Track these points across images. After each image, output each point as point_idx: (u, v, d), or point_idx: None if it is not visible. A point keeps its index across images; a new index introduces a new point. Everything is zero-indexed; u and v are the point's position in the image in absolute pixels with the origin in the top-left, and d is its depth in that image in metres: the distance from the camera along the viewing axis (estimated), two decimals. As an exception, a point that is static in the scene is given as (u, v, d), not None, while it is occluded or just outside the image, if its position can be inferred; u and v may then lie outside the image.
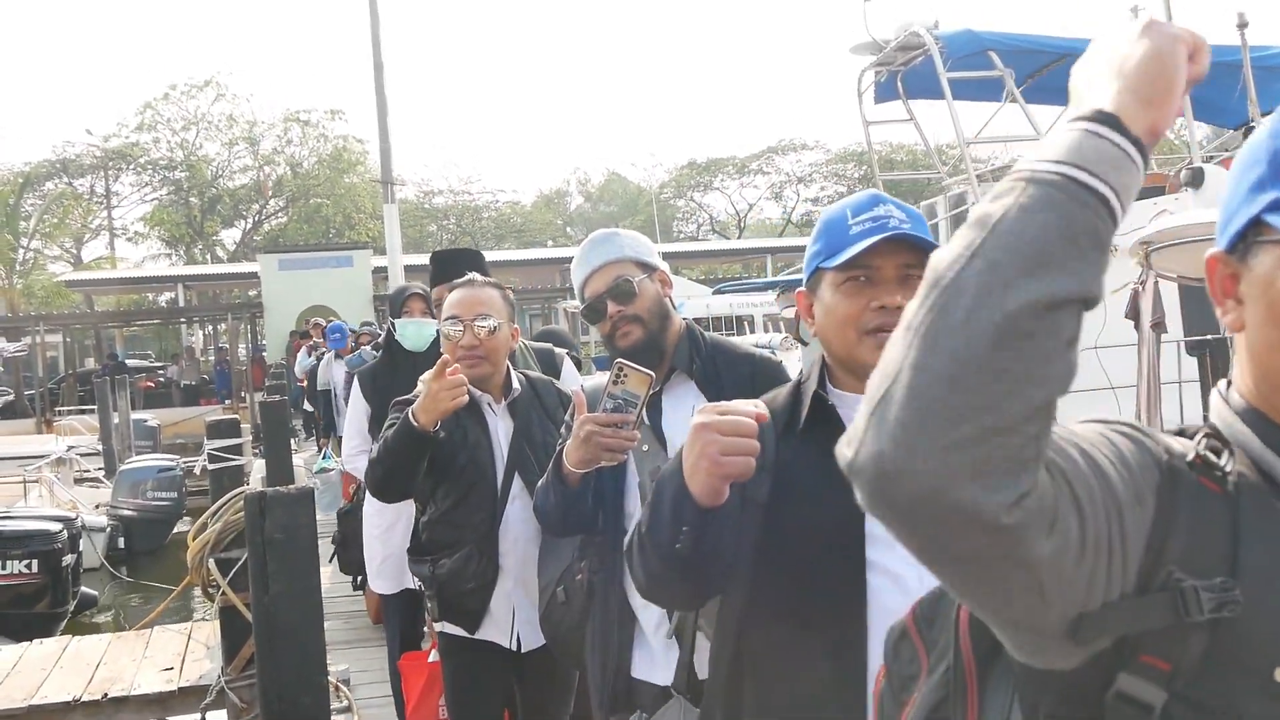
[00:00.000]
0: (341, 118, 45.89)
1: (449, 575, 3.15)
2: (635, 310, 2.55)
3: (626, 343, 2.53)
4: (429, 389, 2.92)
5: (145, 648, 7.07)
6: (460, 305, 3.16)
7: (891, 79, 12.14)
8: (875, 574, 1.72)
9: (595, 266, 2.59)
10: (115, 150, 43.50)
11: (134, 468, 15.00)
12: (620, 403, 2.21)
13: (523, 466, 3.20)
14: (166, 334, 40.45)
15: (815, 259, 1.88)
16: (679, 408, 2.51)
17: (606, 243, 2.63)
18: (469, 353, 3.11)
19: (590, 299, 2.59)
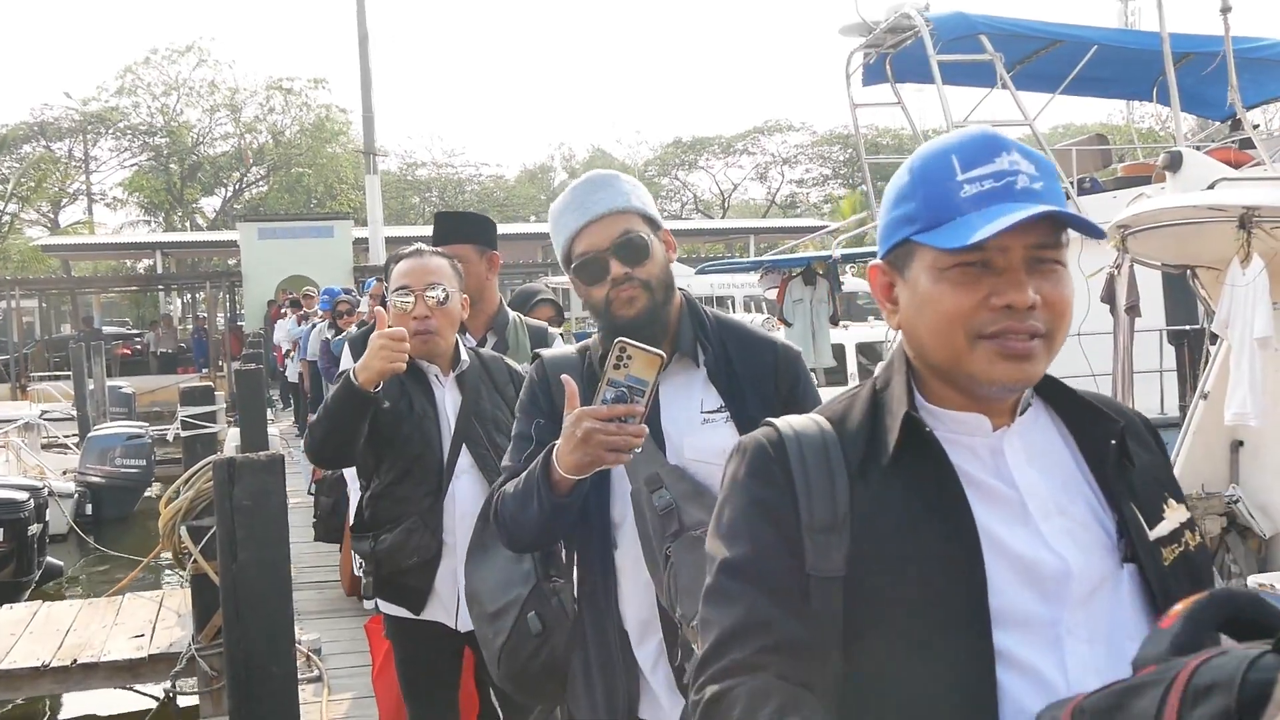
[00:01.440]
0: (325, 87, 45.59)
1: (389, 550, 3.04)
2: (645, 274, 2.11)
3: (629, 313, 2.10)
4: (371, 344, 2.83)
5: (116, 615, 7.02)
6: (410, 275, 3.07)
7: (880, 61, 12.09)
8: (1008, 669, 1.24)
9: (595, 215, 2.12)
10: (94, 114, 43.02)
11: (102, 434, 14.85)
12: (623, 391, 1.84)
13: (470, 439, 3.09)
14: (144, 301, 40.09)
15: (903, 225, 1.34)
16: (681, 399, 2.14)
17: (609, 187, 2.17)
18: (421, 323, 3.03)
19: (588, 254, 2.13)
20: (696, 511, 1.99)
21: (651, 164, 51.03)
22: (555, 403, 2.10)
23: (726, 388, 2.14)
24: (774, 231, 35.76)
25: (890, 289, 1.38)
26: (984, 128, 1.40)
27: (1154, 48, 11.12)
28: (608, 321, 2.14)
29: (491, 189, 49.52)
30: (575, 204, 2.17)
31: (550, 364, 2.22)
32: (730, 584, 1.32)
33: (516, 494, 2.06)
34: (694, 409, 2.13)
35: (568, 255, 2.19)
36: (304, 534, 7.05)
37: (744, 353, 2.19)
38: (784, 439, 1.37)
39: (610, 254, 2.11)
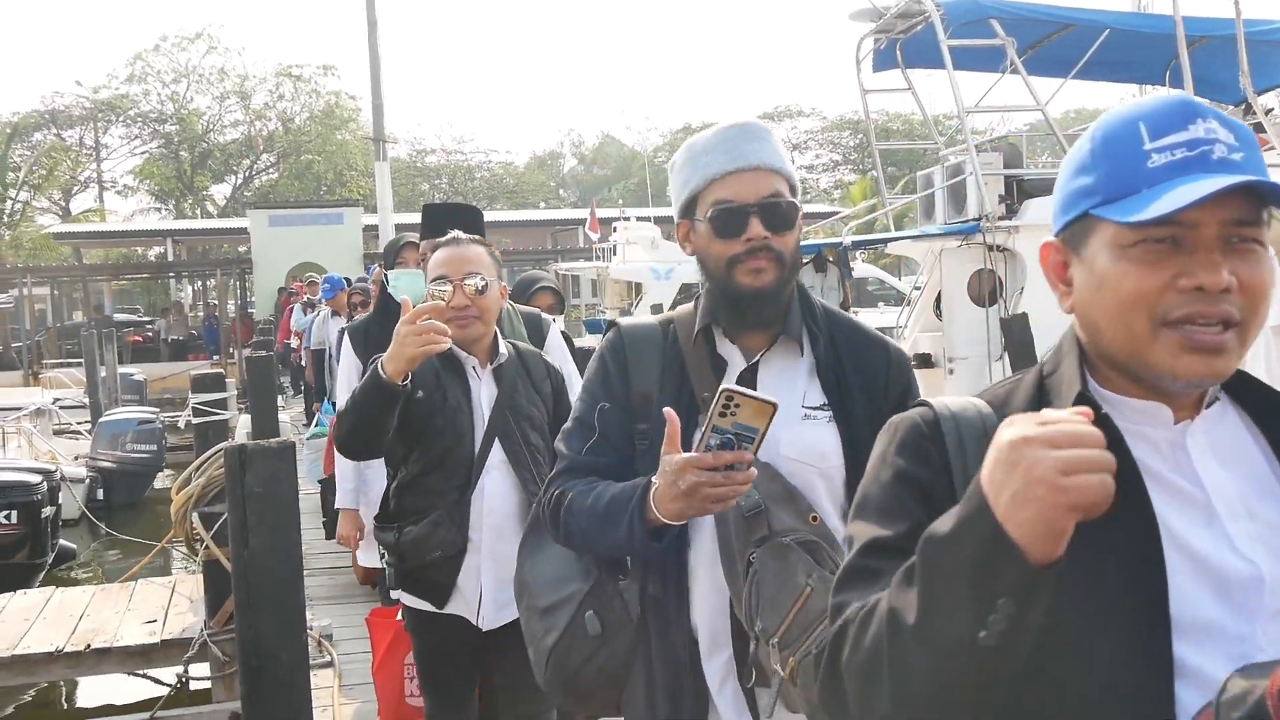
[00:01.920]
0: (334, 74, 45.70)
1: (413, 542, 2.96)
2: (781, 245, 1.91)
3: (755, 283, 1.89)
4: (397, 335, 2.74)
5: (129, 600, 7.05)
6: (447, 264, 2.98)
7: (891, 47, 12.03)
8: (1187, 684, 1.11)
9: (747, 164, 1.91)
10: (105, 102, 43.09)
11: (114, 420, 14.91)
12: (729, 439, 1.67)
13: (504, 435, 2.99)
14: (155, 288, 40.22)
15: (1081, 198, 1.21)
16: (782, 389, 1.92)
17: (764, 140, 1.96)
18: (460, 313, 2.93)
19: (730, 204, 1.90)
20: (787, 516, 1.82)
21: (661, 150, 50.92)
22: (630, 380, 1.98)
23: (833, 384, 1.96)
24: (784, 218, 35.61)
25: (1064, 269, 1.25)
26: (1180, 94, 1.36)
27: (1167, 31, 11.04)
28: (725, 287, 1.93)
29: (501, 175, 49.48)
30: (725, 147, 1.94)
31: (629, 336, 2.04)
32: (876, 562, 1.19)
33: (595, 514, 1.88)
34: (795, 402, 1.94)
35: (695, 199, 1.96)
36: (315, 520, 7.09)
37: (854, 349, 2.00)
38: (939, 418, 1.26)
39: (755, 211, 1.90)
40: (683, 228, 2.01)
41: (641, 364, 2.00)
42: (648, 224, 21.69)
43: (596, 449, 1.99)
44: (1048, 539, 0.98)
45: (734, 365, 1.98)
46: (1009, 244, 10.73)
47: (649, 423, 1.94)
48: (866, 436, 1.74)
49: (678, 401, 1.91)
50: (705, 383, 1.94)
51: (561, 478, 2.00)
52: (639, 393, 1.98)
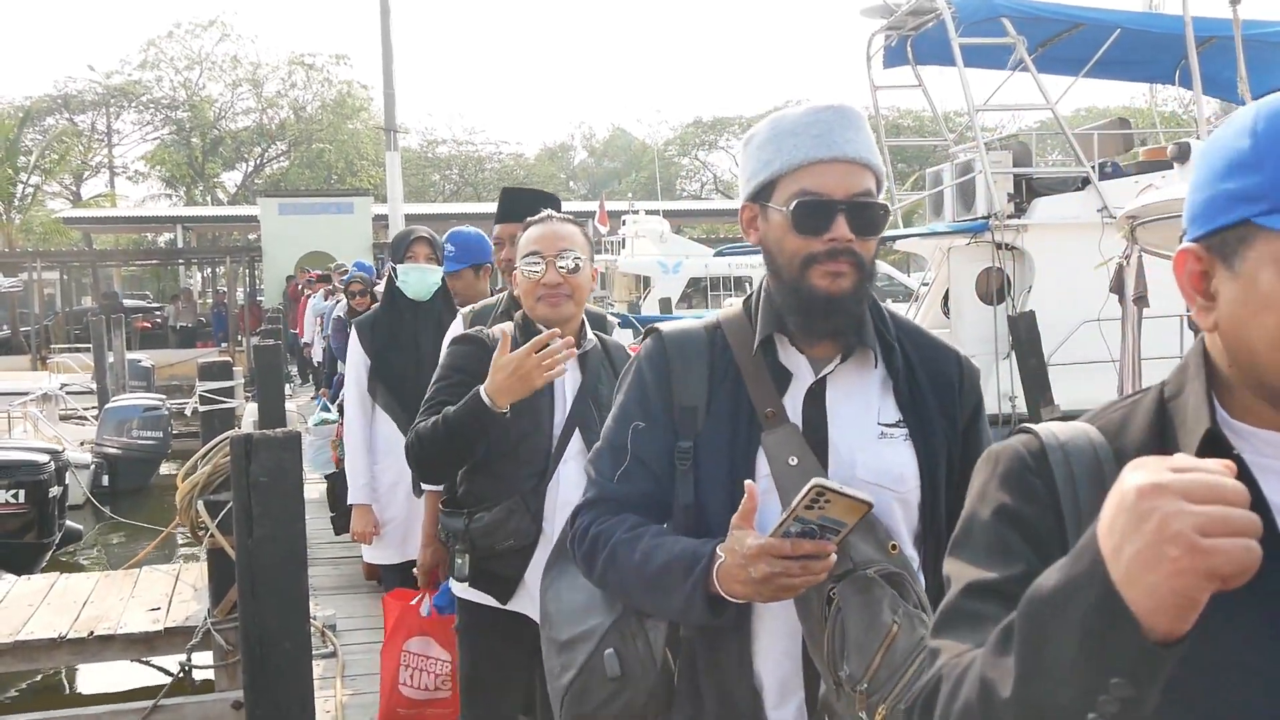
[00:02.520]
0: (346, 63, 45.79)
1: (485, 530, 2.80)
2: (865, 251, 1.70)
3: (832, 288, 1.68)
4: (519, 365, 2.58)
5: (133, 587, 7.07)
6: (541, 241, 2.84)
7: (901, 43, 12.02)
8: None
9: (841, 155, 1.69)
10: (117, 87, 43.16)
11: (120, 406, 14.94)
12: (813, 529, 1.52)
13: (585, 425, 2.82)
14: (165, 275, 40.32)
15: (1239, 203, 1.02)
16: (855, 405, 1.75)
17: (861, 130, 1.73)
18: (551, 291, 2.79)
19: (818, 196, 1.68)
20: (867, 546, 1.63)
21: (671, 144, 50.89)
22: (674, 393, 1.77)
23: (909, 399, 1.77)
24: (793, 213, 35.53)
25: (1204, 280, 1.06)
26: None
27: (1177, 31, 11.02)
28: (797, 288, 1.70)
29: (511, 167, 49.46)
30: (817, 130, 1.70)
31: (673, 343, 1.82)
32: (978, 605, 1.06)
33: (644, 576, 1.68)
34: (869, 419, 1.75)
35: (774, 183, 1.72)
36: (319, 510, 7.11)
37: (926, 360, 1.81)
38: (1046, 448, 1.12)
39: (843, 209, 1.67)
40: (749, 212, 1.79)
41: (687, 375, 1.79)
42: (656, 217, 21.72)
43: (630, 476, 1.79)
44: (1175, 610, 0.82)
45: (800, 378, 1.76)
46: (1017, 242, 10.73)
47: (693, 439, 1.75)
48: (943, 456, 1.75)
49: (735, 418, 1.73)
50: (767, 396, 1.73)
51: (593, 509, 1.81)
52: (683, 406, 1.77)
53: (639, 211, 22.39)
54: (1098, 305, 8.26)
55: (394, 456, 4.07)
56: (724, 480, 1.71)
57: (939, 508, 1.74)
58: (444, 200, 45.35)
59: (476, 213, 36.28)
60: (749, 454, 1.71)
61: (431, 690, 3.51)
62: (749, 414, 1.74)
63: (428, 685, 3.51)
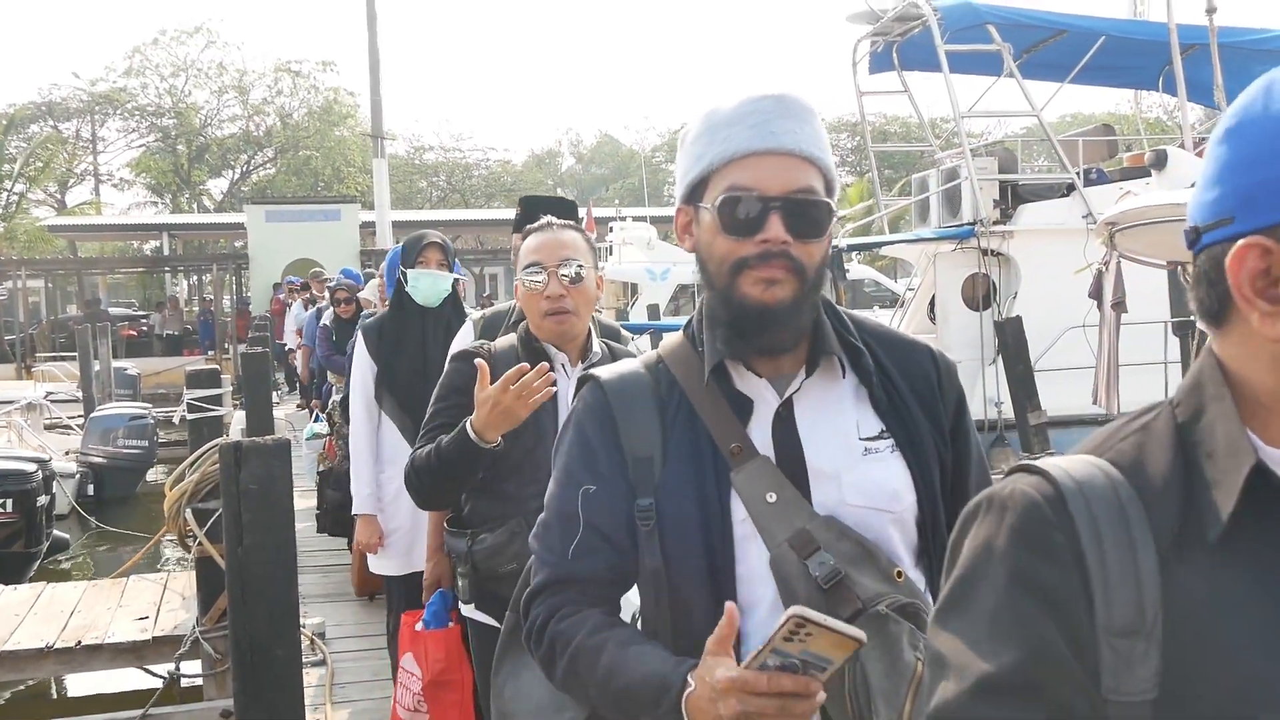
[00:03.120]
0: (333, 69, 45.63)
1: (489, 551, 2.74)
2: (806, 255, 1.50)
3: (764, 298, 1.49)
4: (496, 402, 2.49)
5: (120, 596, 7.06)
6: (541, 250, 2.72)
7: (887, 49, 12.09)
8: None
9: (778, 147, 1.50)
10: (102, 94, 43.00)
11: (105, 415, 14.87)
12: (794, 663, 1.28)
13: None
14: (151, 282, 40.14)
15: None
16: (829, 421, 1.56)
17: (804, 121, 1.53)
18: (554, 303, 2.69)
19: (748, 192, 1.49)
20: (870, 580, 1.47)
21: (659, 150, 50.91)
22: (623, 446, 1.56)
23: (888, 405, 1.58)
24: (780, 219, 35.64)
25: (1271, 277, 0.88)
26: None
27: (1161, 38, 11.11)
28: (727, 297, 1.51)
29: (499, 174, 49.44)
30: (754, 120, 1.51)
31: (613, 389, 1.60)
32: (997, 712, 0.90)
33: (608, 692, 1.48)
34: (849, 434, 1.56)
35: (705, 181, 1.54)
36: (307, 518, 7.10)
37: (897, 360, 1.62)
38: (1064, 494, 0.93)
39: (777, 207, 1.48)
40: (683, 216, 1.60)
41: (634, 421, 1.57)
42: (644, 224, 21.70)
43: (585, 549, 1.56)
44: None
45: (763, 403, 1.55)
46: (1003, 248, 10.78)
47: (653, 495, 1.53)
48: (934, 463, 1.58)
49: (697, 461, 1.52)
50: (729, 430, 1.53)
51: (547, 596, 1.59)
52: (636, 458, 1.55)
53: (626, 218, 22.38)
54: (1083, 311, 8.30)
55: (399, 465, 3.94)
56: (695, 534, 1.49)
57: (939, 521, 1.58)
58: (431, 207, 45.29)
59: (464, 219, 36.36)
60: (720, 498, 1.50)
61: (412, 710, 3.39)
62: (712, 453, 1.53)
63: (410, 705, 3.40)
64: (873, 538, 1.51)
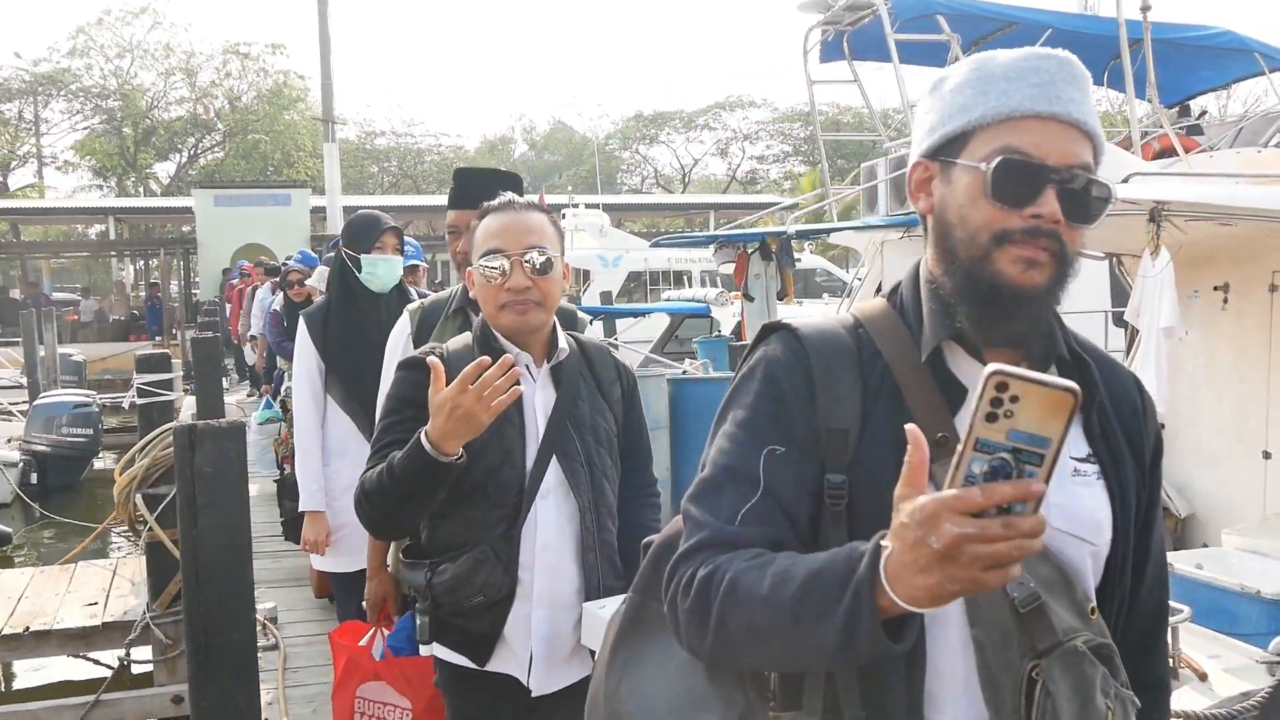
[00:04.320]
0: (283, 52, 45.09)
1: (450, 584, 2.37)
2: (1074, 241, 1.34)
3: (1023, 279, 1.31)
4: (455, 405, 2.12)
5: (69, 583, 7.00)
6: (503, 234, 2.38)
7: (838, 38, 12.18)
8: None
9: (1059, 113, 1.32)
10: (45, 75, 42.17)
11: (48, 403, 14.65)
12: (1003, 459, 1.04)
13: (563, 451, 2.40)
14: (96, 267, 39.52)
15: None
16: None
17: (1084, 88, 1.36)
18: (518, 296, 2.35)
19: (1025, 157, 1.30)
20: (1066, 612, 1.30)
21: (613, 137, 50.88)
22: (818, 411, 1.37)
23: (1099, 429, 1.42)
24: (734, 207, 35.87)
25: None
26: None
27: (1107, 33, 11.29)
28: (976, 273, 1.33)
29: (451, 159, 49.12)
30: (1038, 79, 1.33)
31: (814, 345, 1.41)
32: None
33: (781, 602, 1.21)
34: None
35: (968, 134, 1.35)
36: (260, 503, 7.08)
37: (1107, 381, 1.46)
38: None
39: (1057, 181, 1.30)
40: (924, 171, 1.42)
41: (837, 388, 1.38)
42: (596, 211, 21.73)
43: (758, 515, 1.34)
44: None
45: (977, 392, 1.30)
46: (951, 237, 10.91)
47: (846, 473, 1.35)
48: (1133, 499, 1.44)
49: (896, 445, 1.20)
50: (936, 417, 1.33)
51: (705, 554, 1.33)
52: (830, 429, 1.36)
53: (579, 205, 22.38)
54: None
55: (348, 458, 3.90)
56: (886, 521, 1.21)
57: (1128, 564, 1.44)
58: (382, 192, 44.97)
59: (416, 205, 36.09)
60: None
61: None
62: None
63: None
64: (1076, 566, 1.36)
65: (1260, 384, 5.83)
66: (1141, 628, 1.50)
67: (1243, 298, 5.96)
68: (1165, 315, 5.06)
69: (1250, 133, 8.72)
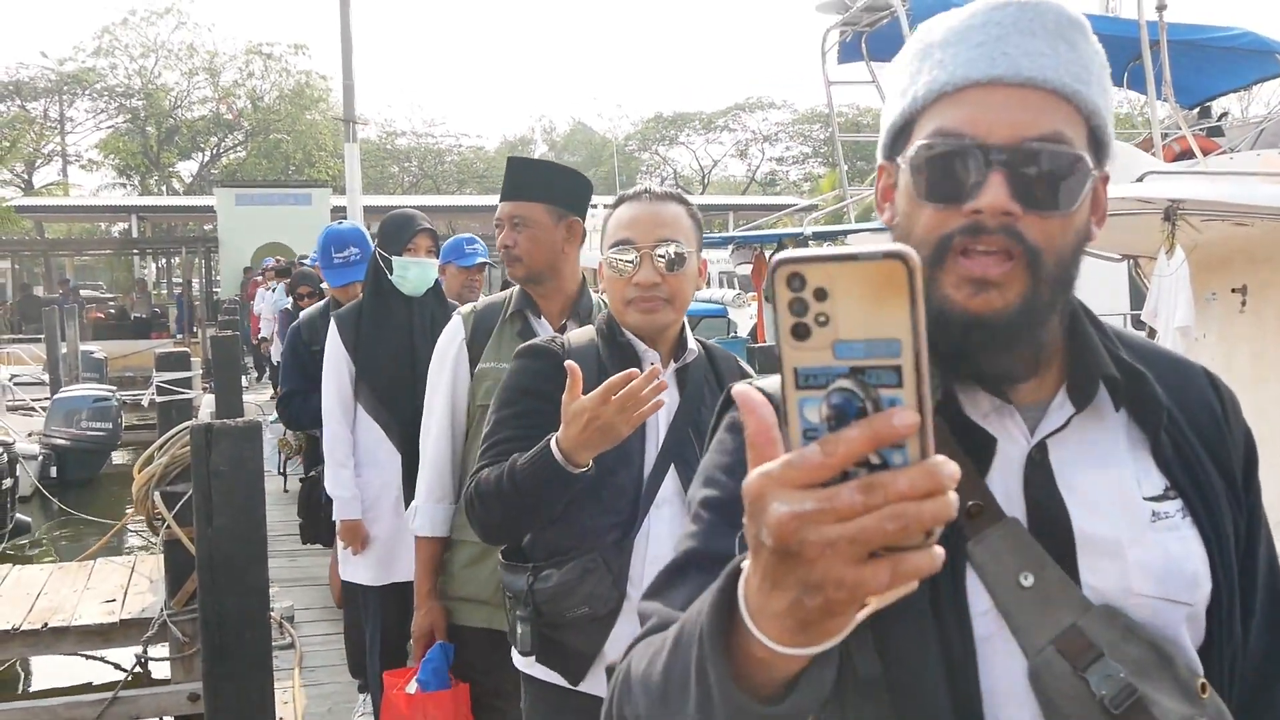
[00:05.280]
0: (305, 53, 45.36)
1: (554, 593, 2.18)
2: (1043, 235, 1.04)
3: (981, 305, 1.03)
4: (594, 416, 1.97)
5: (87, 579, 7.05)
6: (634, 225, 2.22)
7: (856, 39, 12.17)
8: None
9: (1004, 75, 1.04)
10: (71, 74, 42.52)
11: (68, 396, 14.72)
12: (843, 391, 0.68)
13: (682, 459, 2.22)
14: (118, 265, 39.78)
15: None
16: (1098, 474, 1.09)
17: (1053, 37, 1.07)
18: (646, 292, 2.20)
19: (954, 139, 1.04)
20: (1171, 699, 1.03)
21: (632, 138, 50.91)
22: None
23: (1173, 453, 1.13)
24: (753, 209, 35.82)
25: None
26: None
27: (1128, 34, 11.22)
28: (932, 304, 1.01)
29: (471, 160, 49.29)
30: (980, 36, 1.06)
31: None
32: None
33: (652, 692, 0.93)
34: (1129, 491, 1.09)
35: (910, 123, 1.10)
36: (276, 502, 7.12)
37: (1171, 387, 1.15)
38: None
39: (999, 161, 1.02)
40: (884, 177, 1.17)
41: None
42: (616, 212, 21.70)
43: None
44: None
45: (1009, 442, 1.09)
46: (969, 239, 10.89)
47: None
48: (1230, 533, 1.13)
49: None
50: (962, 482, 0.75)
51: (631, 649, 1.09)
52: None
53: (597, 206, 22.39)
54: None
55: (377, 468, 3.85)
56: (922, 630, 1.01)
57: (1234, 614, 1.13)
58: (403, 192, 45.12)
59: (436, 205, 36.20)
60: (953, 579, 1.03)
61: None
62: None
63: None
64: (1171, 636, 1.07)
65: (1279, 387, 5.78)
66: (1255, 681, 1.17)
67: (1261, 300, 5.91)
68: (1180, 315, 5.05)
69: (1272, 134, 8.66)
